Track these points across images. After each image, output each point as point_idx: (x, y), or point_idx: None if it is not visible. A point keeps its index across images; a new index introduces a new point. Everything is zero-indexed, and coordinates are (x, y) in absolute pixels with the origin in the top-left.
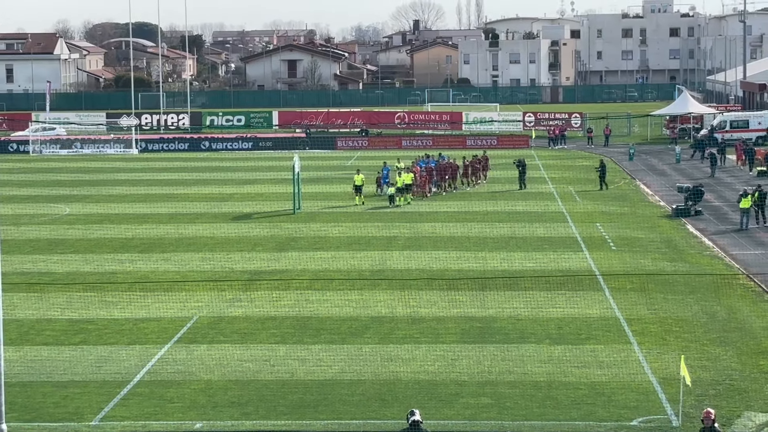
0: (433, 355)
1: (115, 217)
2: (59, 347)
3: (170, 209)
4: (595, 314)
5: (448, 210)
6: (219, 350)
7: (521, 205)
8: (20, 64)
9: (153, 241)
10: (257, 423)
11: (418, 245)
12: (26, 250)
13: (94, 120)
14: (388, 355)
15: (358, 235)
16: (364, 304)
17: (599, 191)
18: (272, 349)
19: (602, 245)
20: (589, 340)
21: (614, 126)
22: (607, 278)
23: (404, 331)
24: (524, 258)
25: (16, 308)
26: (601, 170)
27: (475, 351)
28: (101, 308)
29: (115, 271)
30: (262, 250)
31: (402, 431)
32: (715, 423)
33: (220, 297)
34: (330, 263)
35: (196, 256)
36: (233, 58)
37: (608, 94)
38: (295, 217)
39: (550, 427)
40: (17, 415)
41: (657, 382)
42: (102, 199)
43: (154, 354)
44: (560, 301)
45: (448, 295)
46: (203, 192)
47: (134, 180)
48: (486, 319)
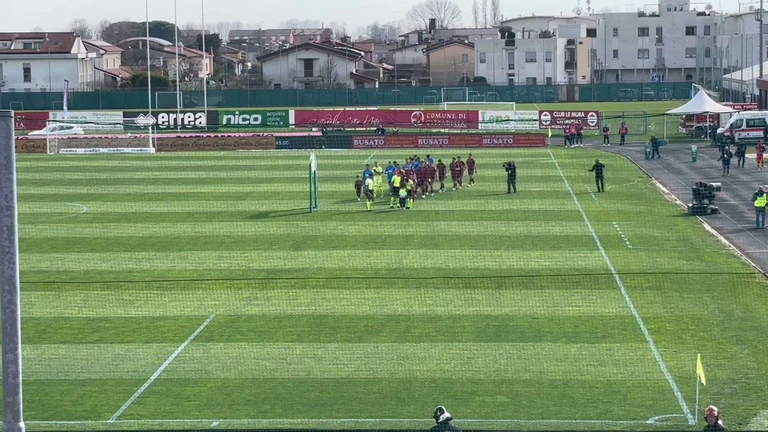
0: (449, 354)
1: (132, 216)
2: (76, 345)
3: (187, 208)
4: (611, 313)
5: (465, 209)
6: (235, 348)
7: (537, 203)
8: (38, 64)
9: (170, 239)
10: (274, 421)
11: (434, 244)
12: (44, 249)
13: (111, 119)
14: (405, 354)
15: (374, 234)
16: (380, 302)
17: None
18: (289, 347)
19: (618, 244)
20: (605, 339)
21: (630, 125)
22: (623, 277)
23: (420, 330)
24: (540, 256)
25: (33, 306)
26: (597, 170)
27: (492, 349)
28: (118, 306)
29: (132, 269)
30: (279, 249)
31: (432, 429)
32: (719, 420)
33: (236, 295)
34: (346, 262)
35: (213, 255)
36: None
37: (624, 93)
38: (311, 216)
39: (566, 426)
40: (35, 413)
41: (673, 380)
42: (119, 197)
43: (170, 352)
44: (576, 300)
45: (465, 294)
46: (220, 191)
47: (151, 179)
48: (502, 318)
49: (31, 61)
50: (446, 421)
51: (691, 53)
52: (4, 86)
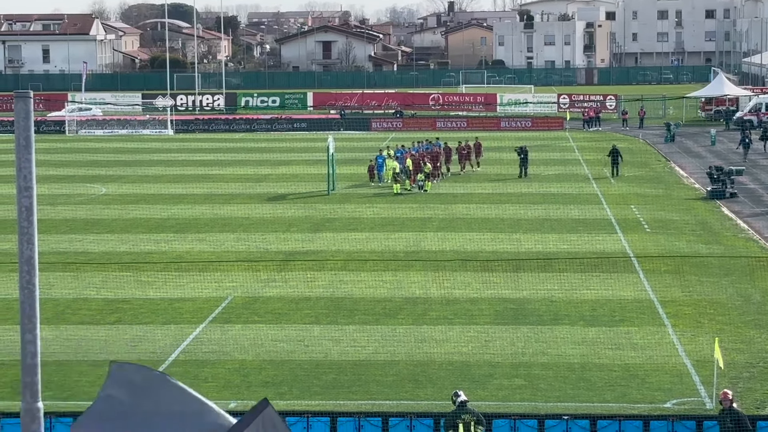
0: (466, 336)
1: (151, 198)
2: (95, 326)
3: (205, 190)
4: (629, 296)
5: (483, 192)
6: (253, 330)
7: (556, 187)
8: (56, 45)
9: (188, 221)
10: (291, 403)
11: (452, 227)
12: (62, 230)
13: (130, 100)
14: (422, 336)
15: (392, 217)
16: (398, 285)
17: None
18: (306, 329)
19: (637, 227)
20: (623, 322)
21: (649, 108)
22: (641, 260)
23: (438, 312)
24: (558, 240)
25: (52, 287)
26: (613, 156)
27: (509, 332)
28: (137, 288)
29: (151, 251)
30: (297, 231)
31: (451, 413)
32: (734, 403)
33: (254, 277)
34: (364, 244)
35: (231, 237)
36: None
37: (643, 76)
38: (329, 198)
39: (583, 409)
40: (53, 393)
41: (691, 364)
42: (137, 179)
43: (188, 333)
44: (594, 283)
45: (482, 277)
46: (238, 173)
47: (170, 160)
48: (520, 301)
49: (50, 43)
50: (463, 403)
51: (711, 37)
52: (23, 67)
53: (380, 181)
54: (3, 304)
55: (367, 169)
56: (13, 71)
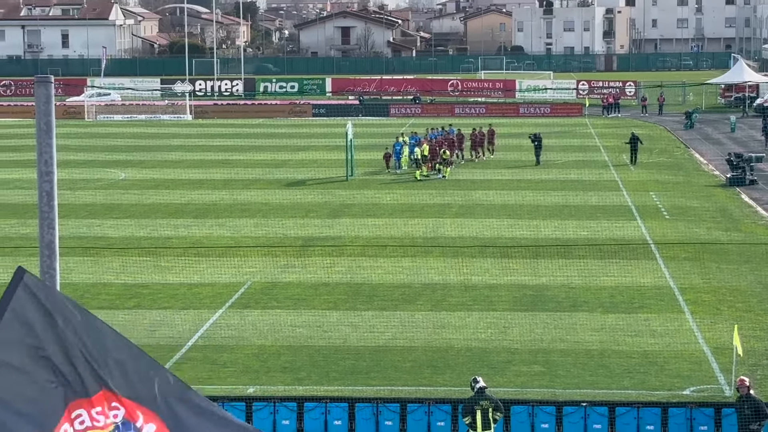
0: (485, 323)
1: (170, 183)
2: (114, 311)
3: (224, 175)
4: (648, 283)
5: (501, 178)
6: (272, 315)
7: (575, 173)
8: (76, 30)
9: (207, 206)
10: (309, 388)
11: (470, 213)
12: (82, 215)
13: (149, 86)
14: (441, 322)
15: (410, 203)
16: (416, 271)
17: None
18: (325, 315)
19: (656, 214)
20: (642, 309)
21: (668, 95)
22: (660, 247)
23: (457, 299)
24: (577, 226)
25: (71, 272)
26: (632, 143)
27: (528, 319)
28: (156, 273)
29: (170, 236)
30: (316, 217)
31: (469, 399)
32: (751, 390)
33: (273, 263)
34: (383, 230)
35: (250, 222)
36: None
37: (663, 63)
38: (348, 184)
39: (602, 396)
40: None
41: (710, 351)
42: (156, 164)
43: (207, 319)
44: (613, 270)
45: (501, 263)
46: (257, 158)
47: (189, 146)
48: (538, 287)
49: (69, 28)
50: (482, 390)
51: (731, 23)
52: (43, 52)
53: (397, 169)
54: None
55: (383, 156)
56: (32, 56)
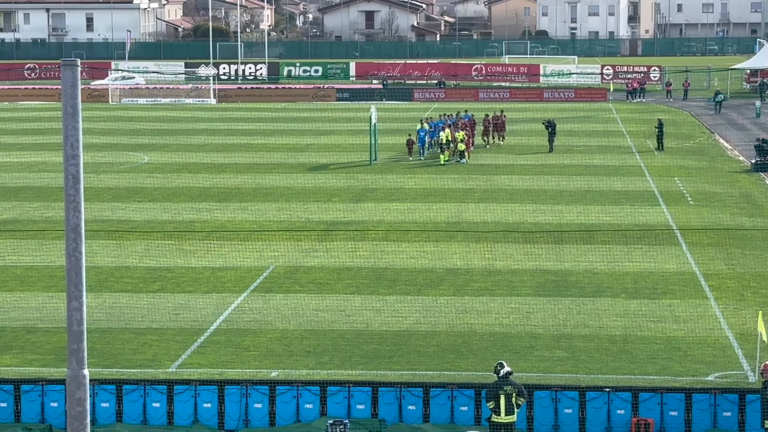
0: (508, 308)
1: (193, 167)
2: (138, 294)
3: (248, 159)
4: (672, 269)
5: (525, 163)
6: (295, 300)
7: (598, 158)
8: (100, 13)
9: (230, 190)
10: (332, 372)
11: (494, 198)
12: (106, 198)
13: (173, 69)
14: (464, 307)
15: (434, 187)
16: (439, 255)
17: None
18: (348, 299)
19: (680, 200)
20: (665, 295)
21: (693, 80)
22: (684, 233)
23: (480, 284)
24: (601, 212)
25: (95, 255)
26: (659, 130)
27: (551, 304)
28: (179, 256)
29: (193, 219)
30: (339, 201)
31: (492, 384)
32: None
33: (296, 247)
34: (406, 215)
35: (273, 206)
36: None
37: (688, 48)
38: (371, 168)
39: (625, 381)
40: (96, 360)
41: (734, 337)
42: (180, 148)
43: (230, 302)
44: (637, 256)
45: (524, 248)
46: (280, 142)
47: (212, 129)
48: (562, 273)
49: (93, 11)
50: (507, 375)
51: (757, 8)
52: (67, 35)
53: (421, 155)
54: (47, 271)
55: (406, 143)
56: (57, 39)
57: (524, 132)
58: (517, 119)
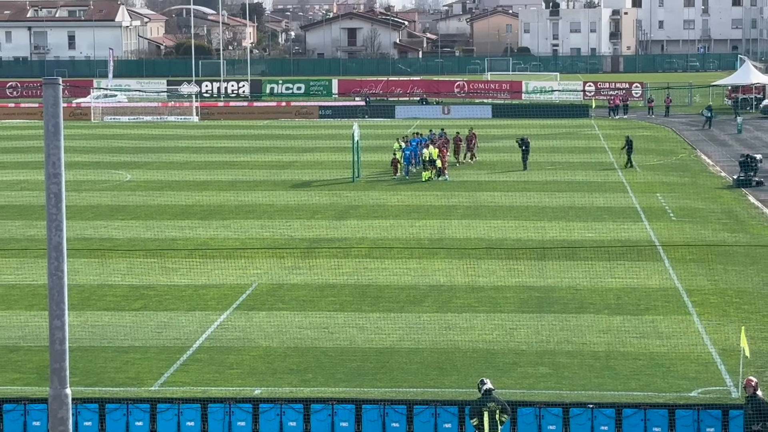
0: (491, 324)
1: (176, 184)
2: (120, 313)
3: (230, 176)
4: (654, 285)
5: (507, 179)
6: (278, 317)
7: (581, 175)
8: (82, 31)
9: (213, 208)
10: (316, 390)
11: (477, 214)
12: (88, 216)
13: (155, 87)
14: (447, 324)
15: (416, 204)
16: (422, 272)
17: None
18: (331, 316)
19: (662, 216)
20: (648, 311)
21: (675, 96)
22: (667, 249)
23: (463, 300)
24: (583, 228)
25: (77, 273)
26: (627, 147)
27: (534, 320)
28: (162, 274)
29: (176, 237)
30: (322, 218)
31: (476, 401)
32: (758, 390)
33: (279, 264)
34: (389, 231)
35: (256, 224)
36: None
37: (669, 64)
38: (354, 186)
39: (608, 398)
40: (78, 379)
41: (717, 353)
42: (163, 166)
43: (213, 320)
44: (619, 272)
45: (507, 265)
46: (263, 159)
47: (195, 147)
48: (545, 289)
49: (75, 29)
50: (489, 391)
51: (738, 24)
52: (49, 54)
53: (406, 174)
54: (29, 290)
55: (391, 162)
56: (38, 57)
57: (506, 149)
58: (499, 136)
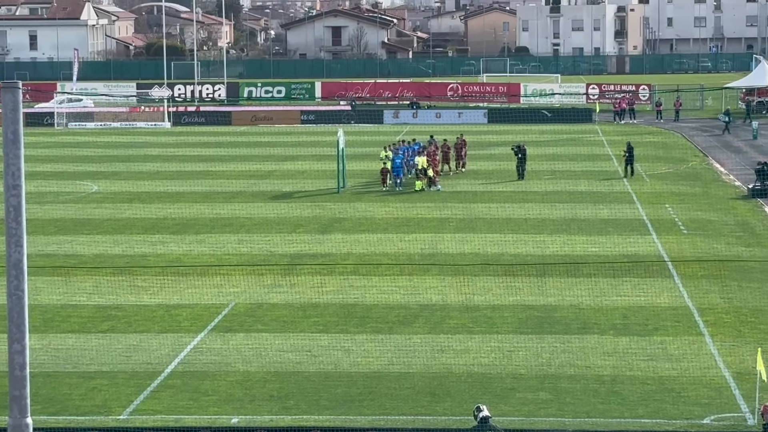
0: (487, 347)
1: (146, 196)
2: (86, 335)
3: (205, 187)
4: (664, 303)
5: (504, 190)
6: (257, 339)
7: (584, 184)
8: (44, 31)
9: (187, 221)
10: (298, 418)
11: (472, 228)
12: (51, 231)
13: (124, 91)
14: (440, 346)
15: (407, 217)
16: (413, 290)
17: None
18: (314, 338)
19: (672, 228)
20: (657, 331)
21: (685, 99)
22: (677, 264)
23: (457, 320)
24: (587, 242)
25: (40, 293)
26: (628, 154)
27: (534, 342)
28: (131, 293)
29: (146, 253)
30: (304, 232)
31: (471, 429)
32: None
33: (258, 282)
34: (377, 246)
35: (233, 238)
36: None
37: (679, 65)
38: (339, 197)
39: (614, 425)
40: (41, 407)
41: (731, 376)
42: (132, 176)
43: (187, 343)
44: (626, 289)
45: (505, 282)
46: (241, 169)
47: (167, 156)
48: (545, 308)
49: (37, 28)
50: (485, 419)
51: (752, 21)
52: (9, 55)
53: (397, 186)
54: None
55: (380, 172)
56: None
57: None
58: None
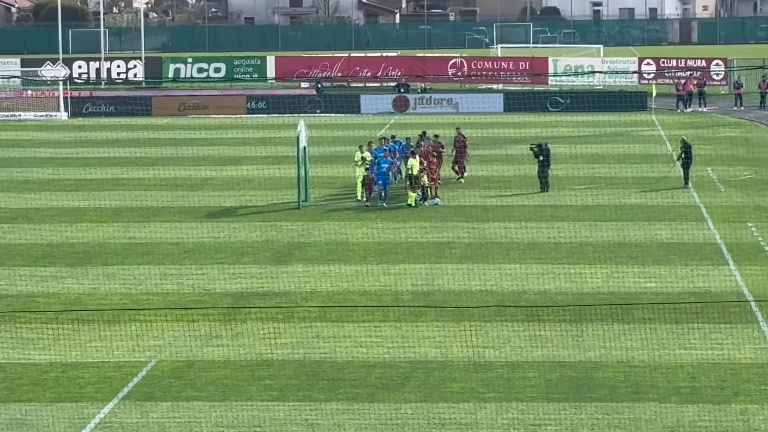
0: (505, 419)
1: (35, 214)
2: None
3: (116, 201)
4: (746, 359)
5: (527, 204)
6: (187, 411)
7: (636, 196)
8: None
9: (90, 248)
10: None
11: (482, 255)
12: None
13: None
14: (439, 419)
15: (392, 241)
16: (402, 342)
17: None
18: (267, 408)
19: (757, 256)
20: (737, 397)
21: None
22: (763, 305)
23: (462, 383)
24: (640, 275)
25: None
26: (684, 155)
27: (568, 413)
28: (13, 348)
29: (34, 293)
30: (252, 263)
31: None
32: None
33: (189, 331)
34: (351, 282)
35: (155, 271)
36: None
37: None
38: (300, 214)
39: None
40: None
41: None
42: (14, 186)
43: (91, 416)
44: (694, 339)
45: (528, 330)
46: (164, 176)
47: (63, 158)
48: (584, 366)
49: None
50: None
51: None
52: None
53: (383, 199)
54: None
55: (362, 181)
56: None
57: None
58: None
